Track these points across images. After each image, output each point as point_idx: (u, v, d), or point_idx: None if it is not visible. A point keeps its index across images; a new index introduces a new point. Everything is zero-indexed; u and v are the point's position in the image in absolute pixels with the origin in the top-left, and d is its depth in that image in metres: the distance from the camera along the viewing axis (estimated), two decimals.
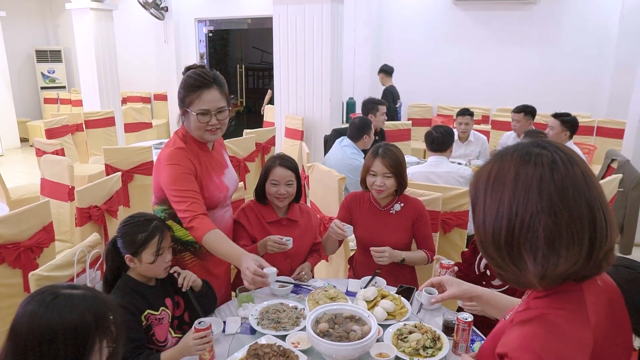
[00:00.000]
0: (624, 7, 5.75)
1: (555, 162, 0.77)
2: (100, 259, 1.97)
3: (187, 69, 1.92)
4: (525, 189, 0.77)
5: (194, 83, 1.84)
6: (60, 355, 1.02)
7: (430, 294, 1.40)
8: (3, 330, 1.09)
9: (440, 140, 3.24)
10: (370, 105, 4.34)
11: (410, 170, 3.40)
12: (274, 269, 1.71)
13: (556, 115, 3.71)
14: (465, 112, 4.45)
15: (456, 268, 2.05)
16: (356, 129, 3.71)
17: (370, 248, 2.16)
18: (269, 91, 7.72)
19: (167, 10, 8.01)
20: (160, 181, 1.85)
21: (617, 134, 5.23)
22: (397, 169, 2.21)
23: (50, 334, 1.02)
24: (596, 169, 4.57)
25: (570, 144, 3.76)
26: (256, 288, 1.79)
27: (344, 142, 3.75)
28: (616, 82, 5.88)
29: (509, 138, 4.51)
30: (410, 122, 5.69)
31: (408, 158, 4.44)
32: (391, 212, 2.28)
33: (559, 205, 0.75)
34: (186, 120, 1.89)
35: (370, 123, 3.88)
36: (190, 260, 1.96)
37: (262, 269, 1.67)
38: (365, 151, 3.97)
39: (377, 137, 4.46)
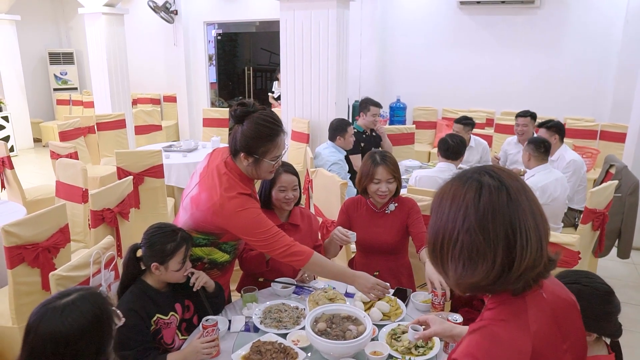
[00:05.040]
0: (627, 13, 5.77)
1: (482, 190, 0.89)
2: (114, 261, 2.10)
3: (245, 111, 1.81)
4: (456, 211, 0.91)
5: (270, 133, 1.81)
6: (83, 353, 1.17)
7: (416, 330, 1.56)
8: (23, 326, 1.21)
9: (455, 150, 3.40)
10: (363, 104, 4.37)
11: (416, 174, 3.51)
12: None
13: (540, 125, 3.94)
14: (467, 121, 4.43)
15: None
16: (331, 130, 4.06)
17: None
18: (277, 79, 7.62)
19: (176, 14, 8.14)
20: (232, 228, 1.82)
21: (621, 138, 5.25)
22: (398, 173, 2.34)
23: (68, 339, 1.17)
24: (598, 173, 4.62)
25: (564, 148, 3.86)
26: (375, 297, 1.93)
27: (324, 144, 4.10)
28: (619, 86, 5.90)
29: (510, 144, 4.56)
30: (414, 125, 5.74)
31: (411, 162, 4.50)
32: (386, 212, 2.38)
33: (475, 228, 0.88)
34: (253, 166, 1.85)
35: (346, 126, 3.99)
36: (216, 276, 2.01)
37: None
38: (348, 151, 4.10)
39: (374, 134, 4.50)
